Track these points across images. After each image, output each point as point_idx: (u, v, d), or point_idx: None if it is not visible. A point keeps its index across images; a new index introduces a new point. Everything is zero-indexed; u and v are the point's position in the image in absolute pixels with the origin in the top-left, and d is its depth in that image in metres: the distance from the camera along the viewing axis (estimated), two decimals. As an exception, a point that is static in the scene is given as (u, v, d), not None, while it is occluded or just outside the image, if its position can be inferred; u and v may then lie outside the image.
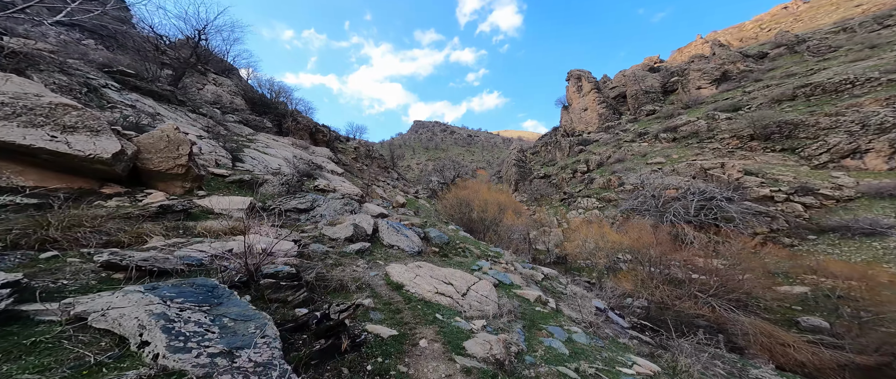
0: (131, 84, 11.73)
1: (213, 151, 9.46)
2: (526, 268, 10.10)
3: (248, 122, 18.74)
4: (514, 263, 9.74)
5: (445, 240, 10.21)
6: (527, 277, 8.63)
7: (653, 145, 30.28)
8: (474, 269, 7.48)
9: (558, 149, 55.33)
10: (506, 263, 9.40)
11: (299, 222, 7.47)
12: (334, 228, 6.18)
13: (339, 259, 5.18)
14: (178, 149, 5.94)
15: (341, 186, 13.10)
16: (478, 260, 8.94)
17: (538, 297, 5.74)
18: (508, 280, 6.91)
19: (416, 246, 7.82)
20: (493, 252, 10.90)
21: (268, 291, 2.66)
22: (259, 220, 5.52)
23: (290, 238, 4.57)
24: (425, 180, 37.07)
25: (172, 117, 11.30)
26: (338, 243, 5.90)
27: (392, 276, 4.86)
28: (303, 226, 6.84)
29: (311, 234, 5.98)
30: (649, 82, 45.48)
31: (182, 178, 6.14)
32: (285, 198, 7.95)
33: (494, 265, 8.68)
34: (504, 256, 10.68)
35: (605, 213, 26.28)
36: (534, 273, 9.43)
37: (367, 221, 7.67)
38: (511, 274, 8.02)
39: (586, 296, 8.62)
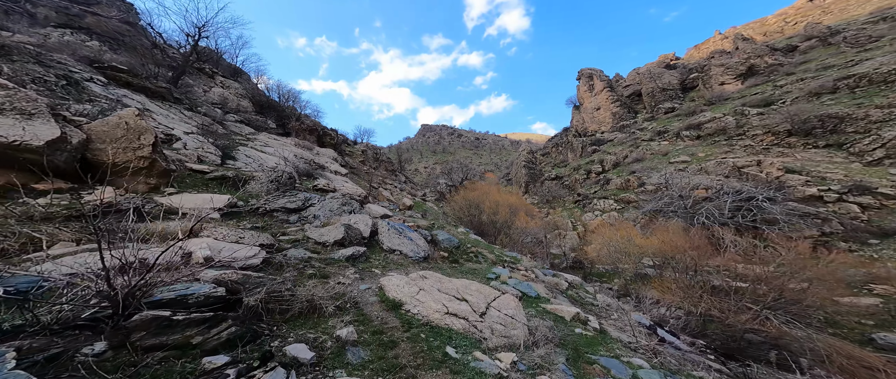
0: (123, 80, 11.14)
1: (199, 147, 8.64)
2: (547, 275, 8.86)
3: (250, 123, 18.12)
4: (534, 270, 8.51)
5: (455, 243, 9.09)
6: (551, 287, 7.40)
7: (674, 144, 28.49)
8: (490, 277, 6.31)
9: (570, 149, 53.69)
10: (525, 270, 8.19)
11: (288, 224, 6.48)
12: (322, 230, 5.13)
13: (322, 268, 4.11)
14: (140, 138, 5.03)
15: (343, 187, 12.17)
16: (493, 267, 7.76)
17: (576, 314, 4.52)
18: (533, 291, 5.71)
19: (421, 251, 6.71)
20: (509, 257, 9.68)
21: (143, 335, 1.57)
22: (233, 220, 4.52)
23: (256, 242, 3.53)
24: (433, 183, 36.05)
25: (163, 114, 10.61)
26: (325, 248, 4.84)
27: (388, 290, 3.75)
28: (288, 228, 5.83)
29: (292, 237, 4.94)
30: (666, 79, 43.57)
31: (145, 172, 5.22)
32: (273, 196, 6.98)
33: (513, 272, 7.49)
34: (522, 261, 9.46)
35: (624, 215, 24.69)
36: (557, 281, 8.18)
37: (364, 222, 6.62)
38: (534, 283, 6.81)
39: (623, 309, 7.31)
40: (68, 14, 18.77)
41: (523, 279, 6.80)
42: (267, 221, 6.07)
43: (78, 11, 19.32)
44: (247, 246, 3.32)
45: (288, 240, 4.73)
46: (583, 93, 60.76)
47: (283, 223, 6.45)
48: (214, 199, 5.57)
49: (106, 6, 21.69)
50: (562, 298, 6.54)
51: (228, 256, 2.89)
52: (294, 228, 5.61)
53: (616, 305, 7.42)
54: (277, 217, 6.66)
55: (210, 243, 3.08)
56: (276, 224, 6.15)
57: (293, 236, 4.95)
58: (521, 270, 8.15)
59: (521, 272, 7.92)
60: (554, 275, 9.18)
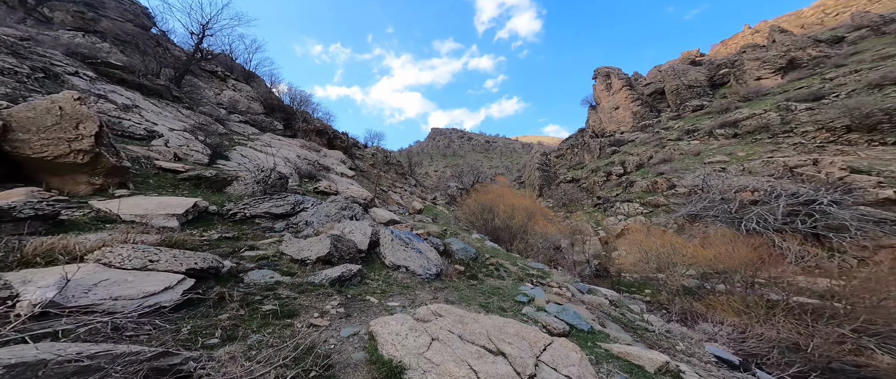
0: (116, 77, 10.48)
1: (183, 145, 7.69)
2: (582, 290, 7.40)
3: (256, 123, 17.44)
4: (567, 286, 7.06)
5: (472, 254, 7.76)
6: (594, 309, 5.94)
7: (706, 143, 26.23)
8: (521, 300, 4.93)
9: (586, 151, 51.53)
10: (559, 287, 6.76)
11: (271, 232, 5.33)
12: (301, 244, 3.90)
13: (291, 300, 2.88)
14: (78, 127, 3.98)
15: (347, 189, 11.09)
16: (520, 284, 6.38)
17: (663, 366, 3.08)
18: (583, 323, 4.30)
19: (432, 266, 5.41)
20: (534, 270, 8.26)
21: None
22: (198, 229, 3.37)
23: (182, 266, 2.32)
24: (443, 186, 34.85)
25: (154, 111, 9.83)
26: (303, 268, 3.61)
27: (383, 342, 2.45)
28: (265, 239, 4.65)
29: (261, 253, 3.73)
30: (692, 76, 41.00)
31: (88, 170, 4.16)
32: (256, 200, 5.86)
33: (545, 290, 6.09)
34: (552, 275, 8.00)
35: (652, 219, 22.68)
36: (599, 301, 6.71)
37: (362, 231, 5.38)
38: (574, 305, 5.39)
39: (687, 336, 5.75)
40: (83, 18, 18.86)
41: (561, 300, 5.38)
42: (242, 230, 4.93)
43: (93, 16, 19.36)
44: (161, 273, 2.12)
45: (254, 257, 3.53)
46: (599, 92, 58.51)
47: (265, 232, 5.30)
48: (174, 202, 4.46)
49: (121, 10, 21.77)
50: (615, 327, 5.08)
51: (114, 293, 1.71)
52: (270, 240, 4.43)
53: (679, 332, 5.86)
54: (259, 224, 5.52)
55: (90, 273, 1.91)
56: (254, 233, 5.00)
57: (263, 252, 3.74)
58: (554, 286, 6.72)
59: (555, 290, 6.50)
60: (589, 290, 7.69)
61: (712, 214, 15.43)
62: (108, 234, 3.21)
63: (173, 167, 5.81)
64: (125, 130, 7.12)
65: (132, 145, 5.95)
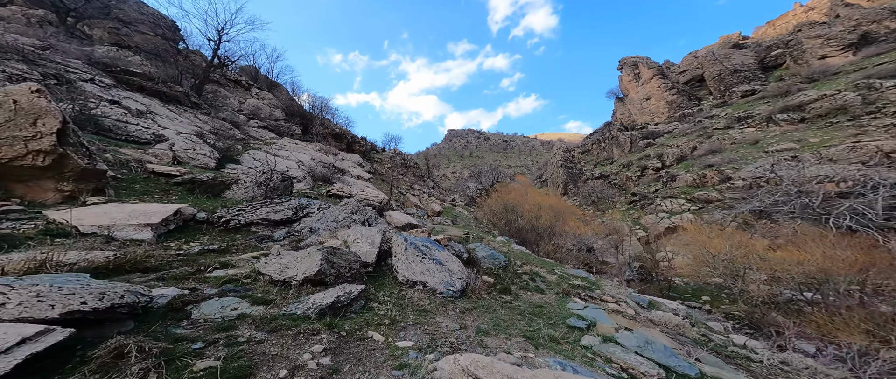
0: (136, 84, 10.50)
1: (189, 149, 7.25)
2: (642, 304, 6.04)
3: (275, 129, 17.37)
4: (626, 301, 5.72)
5: (502, 261, 6.64)
6: (673, 333, 4.59)
7: (765, 130, 23.18)
8: (575, 325, 3.74)
9: (616, 145, 48.38)
10: (615, 302, 5.46)
11: (269, 241, 4.55)
12: (285, 260, 3.00)
13: (246, 349, 1.95)
14: (36, 124, 3.37)
15: (362, 192, 10.37)
16: (566, 299, 5.19)
17: None
18: (683, 363, 3.03)
19: (456, 279, 4.38)
20: (577, 278, 6.96)
21: None
22: (180, 239, 2.60)
23: (87, 303, 1.45)
24: (462, 187, 33.77)
25: (169, 116, 9.65)
26: (286, 292, 2.70)
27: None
28: (253, 251, 3.84)
29: (232, 273, 2.86)
30: (738, 60, 37.06)
31: (53, 173, 3.55)
32: (253, 205, 5.14)
33: (599, 305, 4.84)
34: (601, 285, 6.67)
35: (703, 216, 20.23)
36: (667, 316, 5.34)
37: (370, 239, 4.46)
38: (646, 328, 4.13)
39: (821, 371, 4.22)
40: (118, 34, 20.00)
41: (630, 323, 4.12)
42: (232, 241, 4.17)
43: (126, 32, 20.51)
44: (4, 325, 1.25)
45: (220, 279, 2.66)
46: (627, 83, 54.94)
47: (261, 242, 4.53)
48: (152, 210, 3.76)
49: (152, 25, 22.97)
50: (711, 359, 3.73)
51: None
52: (251, 254, 3.58)
53: (802, 364, 4.33)
54: (255, 233, 4.77)
55: None
56: (246, 244, 4.23)
57: (235, 272, 2.88)
58: (609, 301, 5.42)
59: (611, 305, 5.22)
60: (649, 303, 6.27)
61: (787, 210, 13.10)
62: (40, 252, 2.47)
63: (167, 171, 5.23)
64: (130, 134, 6.76)
65: (126, 148, 5.50)
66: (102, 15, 21.24)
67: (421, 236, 5.46)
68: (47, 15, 17.60)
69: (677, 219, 21.75)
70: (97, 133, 6.14)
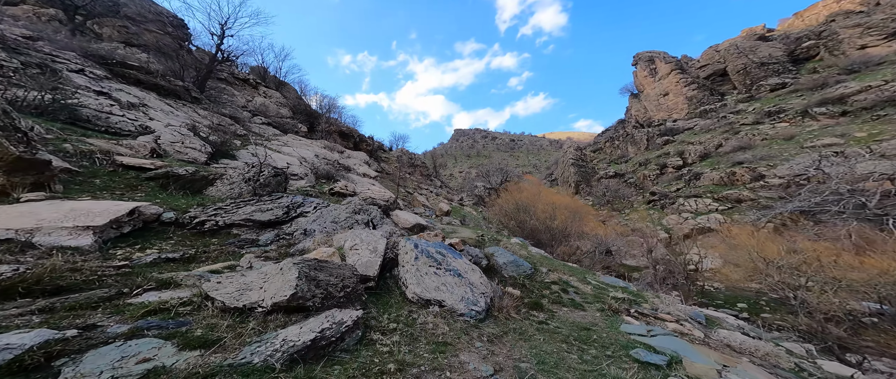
0: (132, 77, 9.99)
1: (178, 142, 6.56)
2: (699, 320, 5.03)
3: (280, 125, 16.81)
4: (688, 320, 4.71)
5: (526, 269, 5.73)
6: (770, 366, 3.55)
7: (800, 124, 21.52)
8: (645, 358, 2.77)
9: (630, 142, 46.65)
10: (676, 321, 4.46)
11: (252, 246, 3.75)
12: (246, 279, 2.14)
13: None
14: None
15: (367, 190, 9.59)
16: (615, 317, 4.24)
17: None
18: None
19: (479, 295, 3.47)
20: (616, 288, 5.98)
21: None
22: (135, 246, 1.79)
23: None
24: (469, 187, 32.79)
25: (164, 109, 9.05)
26: (243, 324, 1.85)
27: None
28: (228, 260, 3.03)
29: (167, 297, 2.01)
30: (765, 52, 35.02)
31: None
32: (237, 203, 4.35)
33: (659, 324, 3.85)
34: (646, 297, 5.66)
35: (733, 216, 18.81)
36: (748, 341, 4.30)
37: (371, 243, 3.60)
38: (740, 363, 3.12)
39: None
40: (128, 32, 19.95)
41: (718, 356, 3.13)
42: (205, 247, 3.37)
43: (136, 30, 20.44)
44: None
45: (140, 309, 1.81)
46: (642, 79, 53.05)
47: (243, 246, 3.73)
48: (99, 209, 2.98)
49: (161, 24, 22.87)
50: None
51: None
52: (207, 268, 2.75)
53: None
54: (237, 236, 3.97)
55: None
56: (223, 250, 3.42)
57: (171, 297, 2.03)
58: (668, 319, 4.41)
59: (671, 324, 4.21)
60: (704, 320, 5.21)
61: (836, 210, 11.74)
62: None
63: (139, 164, 4.49)
64: (111, 126, 6.11)
65: (96, 139, 4.82)
66: (112, 13, 21.13)
67: (434, 240, 4.57)
68: (58, 14, 17.52)
69: (704, 219, 20.34)
70: (72, 123, 5.49)
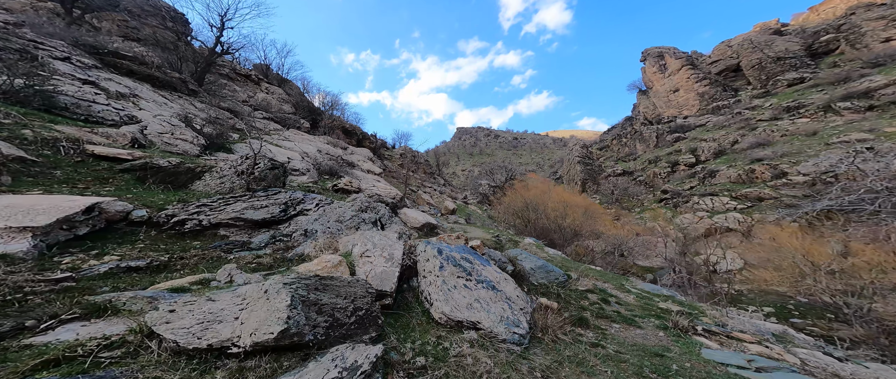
0: (125, 68, 9.42)
1: (167, 133, 5.96)
2: (767, 337, 4.31)
3: (282, 121, 16.23)
4: (768, 337, 3.99)
5: (558, 276, 5.10)
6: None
7: (823, 120, 20.59)
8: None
9: (639, 140, 45.64)
10: (758, 342, 3.75)
11: (242, 250, 3.11)
12: (216, 304, 1.50)
13: None
14: None
15: (373, 187, 8.95)
16: (686, 339, 3.54)
17: None
18: None
19: (518, 312, 2.79)
20: (660, 297, 5.30)
21: None
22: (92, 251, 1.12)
23: None
24: (473, 184, 32.11)
25: (158, 101, 8.46)
26: (208, 375, 1.21)
27: None
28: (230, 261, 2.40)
29: (95, 333, 1.36)
30: (781, 46, 33.87)
31: None
32: (225, 199, 3.71)
33: (744, 351, 3.16)
34: (701, 309, 4.96)
35: (754, 215, 17.96)
36: (823, 359, 3.57)
37: (386, 250, 2.93)
38: None
39: None
40: (127, 26, 19.47)
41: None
42: (184, 252, 2.74)
43: (135, 25, 19.94)
44: None
45: (41, 354, 1.17)
46: (651, 75, 51.89)
47: (230, 251, 3.09)
48: (46, 205, 2.35)
49: (161, 18, 22.38)
50: None
51: None
52: (170, 284, 2.10)
53: None
54: (225, 238, 3.32)
55: None
56: (202, 257, 2.79)
57: (98, 332, 1.38)
58: (746, 338, 3.69)
59: (753, 346, 3.49)
60: (784, 334, 4.50)
61: (872, 209, 10.91)
62: None
63: (113, 154, 3.87)
64: (93, 115, 5.51)
65: (65, 126, 4.21)
66: (111, 7, 20.63)
67: (455, 243, 3.90)
68: (56, 7, 17.03)
69: (721, 218, 19.50)
70: (46, 110, 4.89)
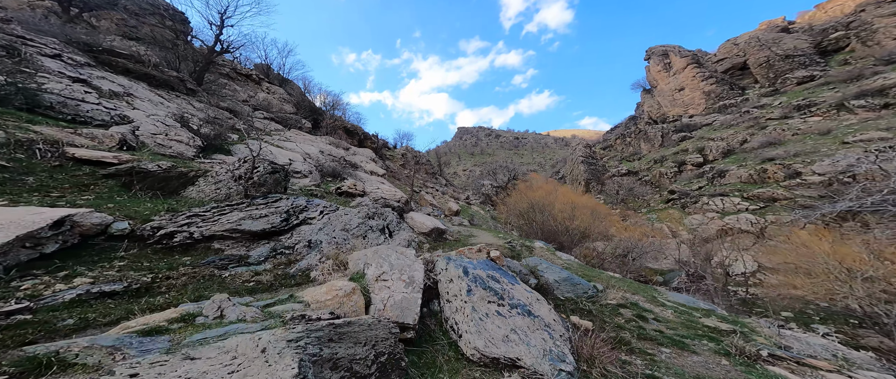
0: (120, 66, 9.06)
1: (161, 134, 5.57)
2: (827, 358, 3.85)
3: (283, 121, 15.85)
4: (845, 363, 3.54)
5: (587, 289, 4.74)
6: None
7: (836, 118, 20.10)
8: None
9: (643, 139, 45.16)
10: (838, 370, 3.30)
11: (242, 266, 2.72)
12: (194, 370, 1.10)
13: None
14: None
15: (377, 189, 8.55)
16: (762, 371, 3.10)
17: None
18: None
19: (561, 342, 2.37)
20: (700, 311, 4.87)
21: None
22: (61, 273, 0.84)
23: None
24: (476, 185, 31.74)
25: (155, 101, 8.07)
26: None
27: None
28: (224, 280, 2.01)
29: None
30: (790, 44, 33.33)
31: None
32: (219, 208, 3.32)
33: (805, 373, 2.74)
34: (753, 327, 4.53)
35: (767, 217, 17.51)
36: None
37: (404, 269, 2.53)
38: None
39: None
40: (126, 25, 19.12)
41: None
42: (170, 272, 2.35)
43: (134, 24, 19.60)
44: None
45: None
46: (655, 74, 51.33)
47: (226, 266, 2.70)
48: (3, 219, 1.96)
49: (160, 17, 22.02)
50: None
51: None
52: (150, 320, 1.71)
53: None
54: (220, 252, 2.93)
55: None
56: (192, 277, 2.40)
57: None
58: (822, 366, 3.24)
59: (832, 375, 3.05)
60: (843, 357, 4.06)
61: None
62: None
63: (97, 157, 3.49)
64: (80, 114, 5.13)
65: (45, 126, 3.81)
66: (109, 6, 20.28)
67: (477, 256, 3.49)
68: (54, 6, 16.69)
69: (732, 219, 19.04)
70: (29, 109, 4.52)
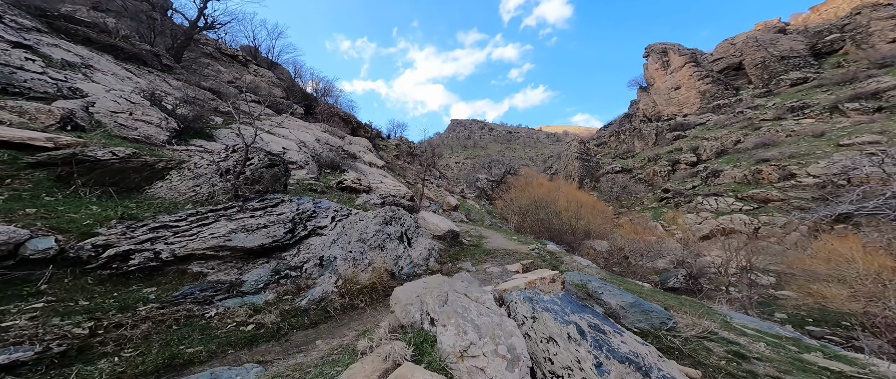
0: (80, 35, 7.78)
1: (123, 113, 4.58)
2: None
3: (272, 106, 14.61)
4: None
5: (662, 318, 4.00)
6: None
7: (829, 120, 20.34)
8: None
9: (638, 137, 45.44)
10: None
11: (230, 298, 1.96)
12: None
13: None
14: None
15: (380, 184, 7.74)
16: None
17: None
18: None
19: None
20: (792, 341, 4.28)
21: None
22: None
23: None
24: (471, 178, 31.18)
25: (120, 75, 6.92)
26: None
27: None
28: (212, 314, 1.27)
29: None
30: (786, 46, 33.62)
31: None
32: (197, 213, 2.52)
33: None
34: (865, 365, 4.01)
35: (760, 217, 17.67)
36: None
37: (495, 324, 1.84)
38: None
39: None
40: None
41: None
42: (118, 313, 1.57)
43: None
44: None
45: None
46: (653, 72, 51.40)
47: (209, 302, 1.94)
48: None
49: None
50: None
51: None
52: None
53: None
54: (202, 278, 2.15)
55: None
56: (164, 321, 1.63)
57: None
58: None
59: None
60: None
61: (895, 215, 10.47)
62: None
63: (22, 139, 2.59)
64: (13, 83, 4.10)
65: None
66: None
67: (550, 288, 2.81)
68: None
69: (726, 219, 19.18)
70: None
